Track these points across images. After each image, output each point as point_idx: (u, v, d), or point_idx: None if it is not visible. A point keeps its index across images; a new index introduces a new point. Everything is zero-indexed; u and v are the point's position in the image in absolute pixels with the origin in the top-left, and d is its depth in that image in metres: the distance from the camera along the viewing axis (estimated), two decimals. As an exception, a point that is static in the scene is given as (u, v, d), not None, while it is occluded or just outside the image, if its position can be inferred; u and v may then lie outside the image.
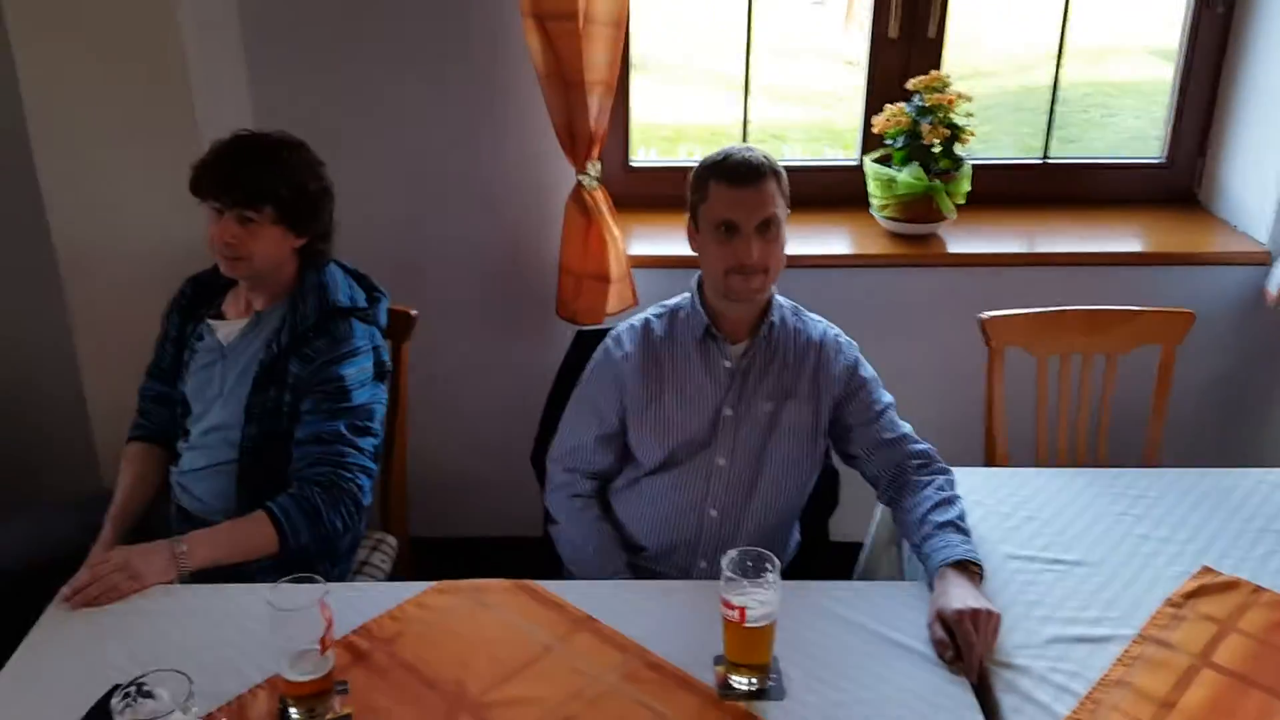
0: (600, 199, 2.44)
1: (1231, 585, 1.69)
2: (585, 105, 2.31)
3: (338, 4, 2.46)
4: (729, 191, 1.79)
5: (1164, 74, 2.88)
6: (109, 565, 1.68)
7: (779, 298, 1.92)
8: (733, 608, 1.45)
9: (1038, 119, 2.66)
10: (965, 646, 1.51)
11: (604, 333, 2.04)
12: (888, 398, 1.93)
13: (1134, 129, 6.33)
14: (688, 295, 1.95)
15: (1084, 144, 5.57)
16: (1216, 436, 2.81)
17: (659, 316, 1.95)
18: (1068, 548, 1.80)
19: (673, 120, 6.01)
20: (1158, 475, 2.01)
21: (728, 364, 1.88)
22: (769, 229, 1.80)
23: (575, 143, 2.37)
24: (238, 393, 1.96)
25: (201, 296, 2.08)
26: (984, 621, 1.53)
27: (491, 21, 2.44)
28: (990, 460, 2.26)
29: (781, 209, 1.81)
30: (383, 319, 2.08)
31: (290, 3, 2.46)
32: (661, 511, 1.91)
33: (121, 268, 2.35)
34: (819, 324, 1.95)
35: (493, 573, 1.76)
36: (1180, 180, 2.88)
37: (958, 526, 1.72)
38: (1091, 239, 2.72)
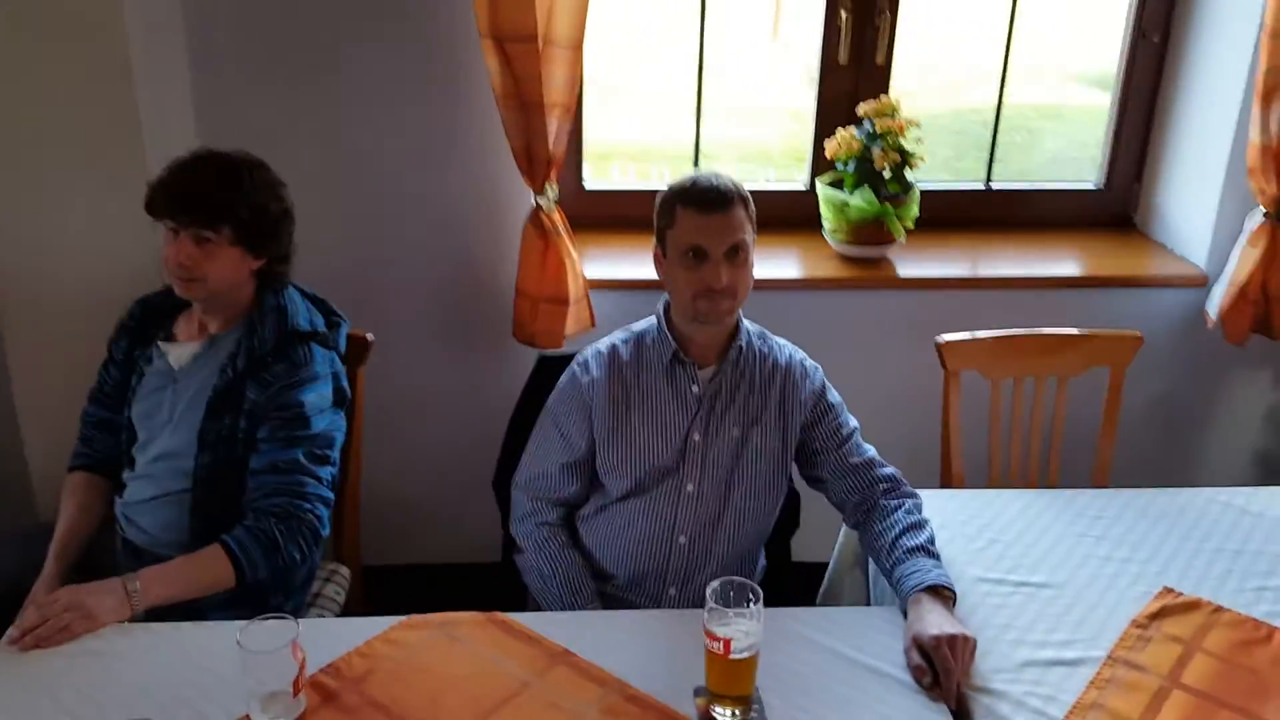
0: (558, 221, 2.42)
1: (1193, 605, 1.73)
2: (544, 127, 2.29)
3: (288, 23, 2.40)
4: (697, 217, 1.79)
5: (1081, 98, 2.96)
6: (59, 604, 1.61)
7: (745, 322, 1.92)
8: (717, 639, 1.43)
9: (961, 140, 2.71)
10: (943, 672, 1.52)
11: (567, 358, 2.02)
12: (853, 422, 1.94)
13: (1053, 151, 6.51)
14: (653, 320, 1.94)
15: (1006, 164, 5.71)
16: (1156, 456, 2.88)
17: (625, 341, 1.94)
18: (1033, 570, 1.82)
19: (599, 137, 6.00)
20: (1113, 496, 2.05)
21: (696, 389, 1.87)
22: (737, 254, 1.79)
23: (533, 164, 2.35)
24: (189, 419, 1.89)
25: (151, 319, 2.00)
26: (961, 647, 1.54)
27: (447, 43, 2.40)
28: (946, 482, 2.28)
29: (749, 234, 1.81)
30: (342, 344, 2.03)
31: (238, 21, 2.40)
32: (630, 539, 1.89)
33: (59, 290, 2.27)
34: (785, 348, 1.95)
35: (451, 601, 1.73)
36: (1117, 205, 2.96)
37: (928, 551, 1.73)
38: (1034, 262, 2.78)
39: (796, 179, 2.92)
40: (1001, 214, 2.95)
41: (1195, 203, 2.73)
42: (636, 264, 2.66)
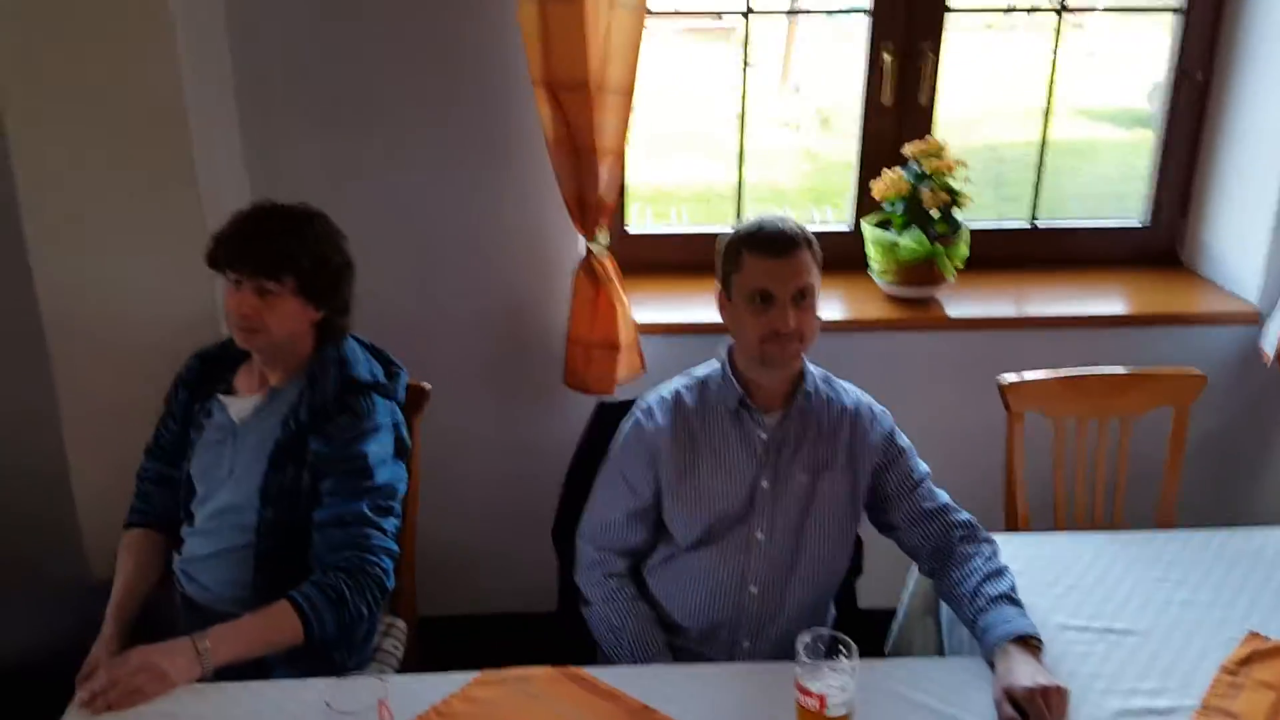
0: (610, 267, 2.41)
1: (1281, 651, 1.69)
2: (596, 173, 2.29)
3: (337, 70, 2.41)
4: (764, 262, 1.77)
5: (1097, 134, 2.93)
6: (129, 667, 1.58)
7: (810, 366, 1.90)
8: (811, 695, 1.40)
9: (978, 177, 2.72)
10: (1039, 725, 1.48)
11: (627, 404, 2.00)
12: (924, 467, 1.91)
13: (1073, 190, 6.53)
14: (716, 365, 1.92)
15: (1021, 204, 5.75)
16: (1213, 495, 2.84)
17: (688, 388, 1.92)
18: (1115, 616, 1.78)
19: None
20: (1187, 537, 2.01)
21: (763, 435, 1.85)
22: (804, 298, 1.78)
23: (585, 211, 2.34)
24: (252, 472, 1.87)
25: (210, 372, 1.99)
26: (1055, 698, 1.50)
27: (498, 91, 2.41)
28: (1011, 525, 2.25)
29: (815, 277, 1.80)
30: (402, 394, 2.01)
31: (286, 68, 2.41)
32: (701, 590, 1.86)
33: (114, 342, 2.25)
34: (851, 392, 1.93)
35: (509, 653, 1.70)
36: (1162, 242, 2.94)
37: (1011, 599, 1.70)
38: (1083, 300, 2.76)
39: (815, 219, 2.91)
40: (1046, 252, 2.94)
41: (1245, 239, 2.71)
42: (680, 308, 2.65)
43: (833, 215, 3.38)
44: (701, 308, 2.64)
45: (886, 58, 2.69)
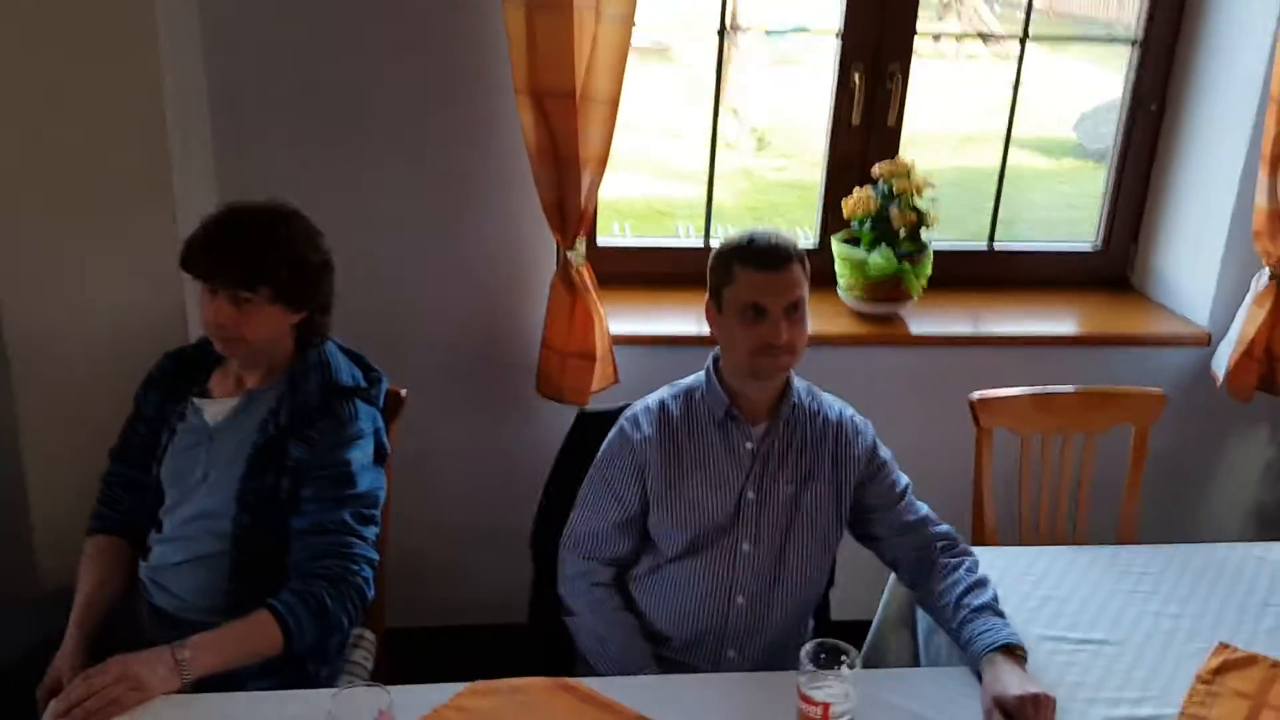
0: (586, 276, 2.40)
1: (1251, 660, 1.74)
2: (578, 182, 2.28)
3: (312, 69, 2.37)
4: (757, 275, 1.78)
5: (1026, 161, 2.96)
6: (107, 676, 1.52)
7: (795, 378, 1.91)
8: (814, 704, 1.41)
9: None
10: (1029, 732, 1.51)
11: (607, 414, 2.00)
12: (905, 479, 1.93)
13: (1008, 215, 6.69)
14: (700, 376, 1.92)
15: (962, 227, 5.89)
16: (1166, 512, 2.92)
17: (674, 397, 1.92)
18: (1091, 627, 1.82)
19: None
20: (1154, 552, 2.07)
21: (750, 445, 1.86)
22: (796, 310, 1.79)
23: (565, 220, 2.33)
24: (227, 478, 1.82)
25: (184, 373, 1.93)
26: (1043, 706, 1.53)
27: (477, 97, 2.39)
28: (979, 539, 2.28)
29: (805, 290, 1.82)
30: (382, 400, 1.98)
31: (260, 68, 2.36)
32: (687, 600, 1.85)
33: (76, 342, 2.17)
34: (835, 404, 1.95)
35: (480, 665, 1.67)
36: (1114, 266, 3.04)
37: (994, 609, 1.73)
38: (1039, 321, 2.84)
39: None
40: (1003, 273, 3.01)
41: (1195, 264, 2.81)
42: (651, 320, 2.66)
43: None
44: (671, 320, 2.66)
45: (856, 78, 2.73)
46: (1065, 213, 6.09)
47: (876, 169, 2.70)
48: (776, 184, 6.85)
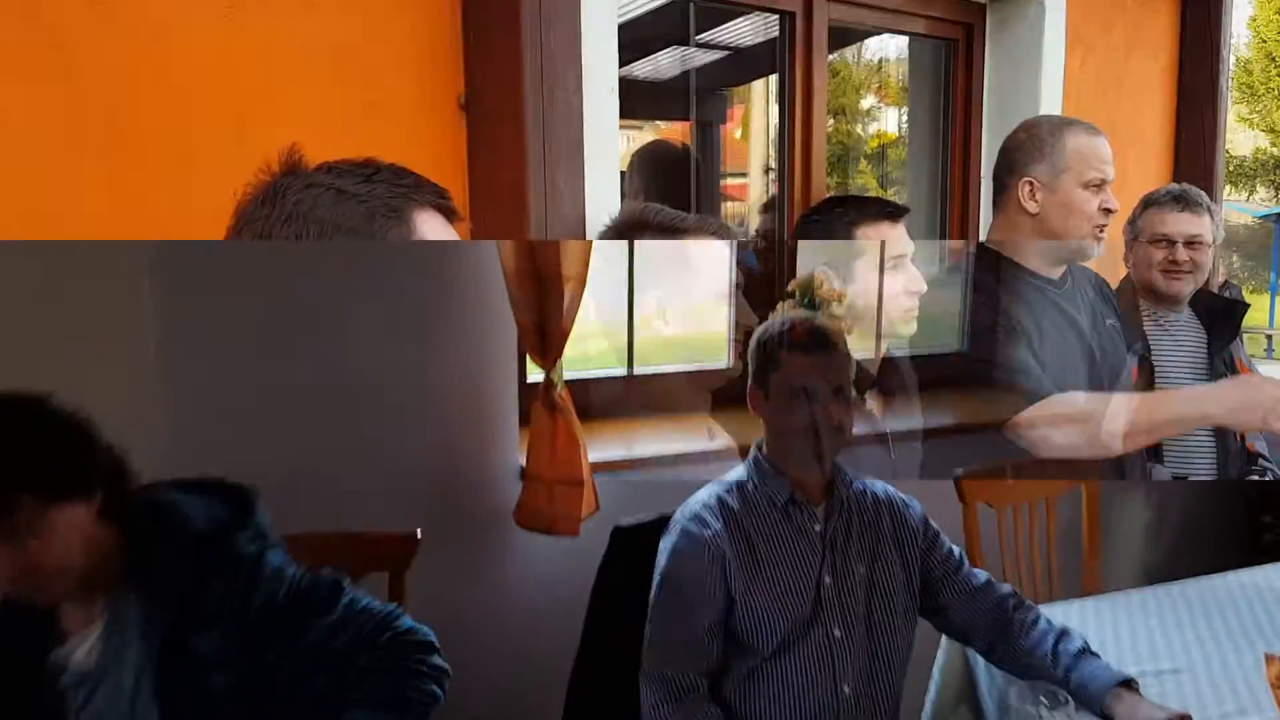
0: (568, 399, 2.32)
1: (1299, 664, 1.90)
2: (559, 302, 2.23)
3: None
4: (805, 358, 1.82)
5: None
6: None
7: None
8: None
9: None
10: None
11: (648, 526, 1.93)
12: (957, 547, 1.98)
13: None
14: (743, 470, 1.90)
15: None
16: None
17: (727, 492, 1.88)
18: (1156, 660, 1.92)
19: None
20: (1151, 591, 2.22)
21: (817, 528, 1.84)
22: (841, 393, 1.83)
23: (546, 341, 2.26)
24: (149, 710, 1.38)
25: (20, 630, 1.44)
26: (1189, 727, 1.59)
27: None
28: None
29: (850, 375, 1.87)
30: (262, 512, 1.50)
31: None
32: (794, 698, 1.77)
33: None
34: (875, 482, 1.98)
35: None
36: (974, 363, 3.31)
37: (1092, 651, 1.78)
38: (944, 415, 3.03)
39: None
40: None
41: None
42: (615, 445, 2.59)
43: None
44: (638, 443, 2.59)
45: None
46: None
47: (792, 284, 2.82)
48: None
